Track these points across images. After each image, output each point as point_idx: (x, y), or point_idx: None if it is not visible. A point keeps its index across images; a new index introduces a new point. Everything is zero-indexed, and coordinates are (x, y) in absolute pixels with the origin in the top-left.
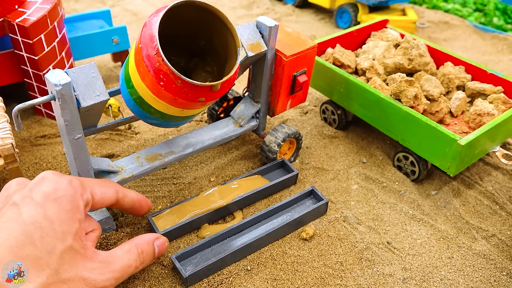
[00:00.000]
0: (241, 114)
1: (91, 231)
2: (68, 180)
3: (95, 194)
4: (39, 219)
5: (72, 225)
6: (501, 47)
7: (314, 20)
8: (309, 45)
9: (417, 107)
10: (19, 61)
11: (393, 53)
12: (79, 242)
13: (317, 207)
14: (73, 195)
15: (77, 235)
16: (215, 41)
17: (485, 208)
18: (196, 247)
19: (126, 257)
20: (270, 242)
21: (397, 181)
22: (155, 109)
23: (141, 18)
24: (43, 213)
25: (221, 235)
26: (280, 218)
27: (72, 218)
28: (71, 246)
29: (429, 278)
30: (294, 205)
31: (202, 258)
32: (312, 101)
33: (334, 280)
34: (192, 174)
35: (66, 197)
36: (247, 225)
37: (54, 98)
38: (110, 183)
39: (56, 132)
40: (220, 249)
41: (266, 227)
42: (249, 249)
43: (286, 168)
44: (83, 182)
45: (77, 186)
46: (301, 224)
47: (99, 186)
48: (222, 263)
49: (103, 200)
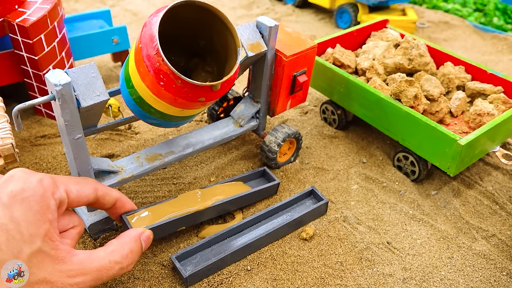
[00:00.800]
0: (241, 114)
1: (72, 227)
2: (38, 178)
3: (70, 192)
4: (5, 221)
5: (40, 226)
6: (501, 47)
7: (314, 20)
8: (309, 45)
9: (417, 107)
10: (19, 61)
11: (393, 53)
12: (49, 244)
13: (317, 207)
14: (42, 194)
15: (47, 237)
16: (215, 41)
17: (485, 208)
18: (196, 247)
19: (107, 258)
20: (270, 242)
21: (397, 181)
22: (155, 109)
23: (141, 18)
24: (9, 214)
25: (221, 235)
26: (280, 218)
27: (40, 220)
28: (40, 248)
29: (429, 278)
30: (294, 205)
31: (202, 258)
32: (312, 101)
33: (334, 280)
34: (192, 174)
35: (34, 197)
36: (247, 225)
37: (54, 98)
38: (89, 180)
39: (56, 132)
40: (220, 249)
41: (266, 227)
42: (249, 249)
43: (267, 178)
44: (55, 180)
45: (48, 185)
46: (301, 224)
47: (75, 183)
48: (222, 263)
49: (79, 198)
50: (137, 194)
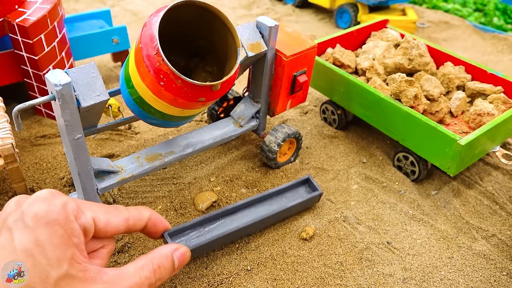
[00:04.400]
0: (241, 114)
1: (101, 247)
2: (63, 202)
3: (98, 221)
4: (30, 245)
5: (66, 250)
6: (501, 47)
7: (314, 20)
8: (309, 45)
9: (417, 107)
10: (19, 61)
11: (393, 53)
12: (76, 266)
13: (311, 198)
14: (65, 218)
15: (73, 260)
16: (215, 41)
17: (485, 208)
18: (190, 225)
19: (138, 274)
20: (263, 227)
21: (397, 181)
22: (155, 109)
23: (141, 18)
24: (35, 238)
25: (214, 215)
26: (275, 204)
27: (65, 243)
28: (67, 272)
29: (429, 278)
30: (287, 192)
31: (194, 237)
32: (312, 101)
33: (334, 280)
34: (192, 174)
35: (58, 221)
36: (240, 207)
37: (54, 98)
38: (120, 209)
39: (56, 132)
40: (214, 229)
41: (258, 212)
42: (239, 233)
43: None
44: (81, 206)
45: (72, 208)
46: (292, 212)
47: (105, 213)
48: (214, 244)
49: (107, 228)
50: (137, 194)
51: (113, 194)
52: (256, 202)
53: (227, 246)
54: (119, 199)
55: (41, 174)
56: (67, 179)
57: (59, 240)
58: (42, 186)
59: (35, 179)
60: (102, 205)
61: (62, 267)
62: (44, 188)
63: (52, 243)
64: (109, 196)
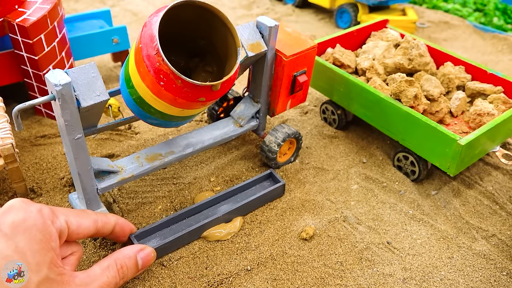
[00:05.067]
0: (241, 114)
1: (70, 254)
2: (38, 208)
3: (70, 224)
4: (10, 252)
5: (45, 254)
6: (501, 47)
7: (314, 20)
8: (309, 45)
9: (417, 107)
10: (19, 61)
11: (393, 53)
12: (55, 270)
13: (274, 189)
14: (43, 223)
15: (52, 264)
16: (215, 41)
17: (485, 208)
18: (155, 227)
19: (105, 274)
20: (229, 220)
21: (397, 181)
22: (155, 109)
23: (141, 18)
24: (14, 245)
25: (179, 215)
26: (239, 199)
27: (45, 248)
28: (47, 276)
29: (429, 278)
30: (252, 187)
31: (160, 237)
32: (312, 101)
33: (334, 280)
34: (192, 174)
35: (36, 226)
36: (205, 206)
37: (54, 98)
38: (88, 212)
39: (56, 132)
40: (178, 228)
41: (224, 208)
42: (202, 229)
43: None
44: (54, 211)
45: (48, 214)
46: (258, 206)
47: (76, 215)
48: (179, 242)
49: (79, 230)
50: (137, 194)
51: (113, 194)
52: (221, 199)
53: (227, 246)
54: (119, 199)
55: (41, 174)
56: (67, 179)
57: (38, 245)
58: (42, 186)
59: (35, 179)
60: (71, 209)
61: (42, 271)
62: (44, 188)
63: (31, 248)
64: (109, 196)
